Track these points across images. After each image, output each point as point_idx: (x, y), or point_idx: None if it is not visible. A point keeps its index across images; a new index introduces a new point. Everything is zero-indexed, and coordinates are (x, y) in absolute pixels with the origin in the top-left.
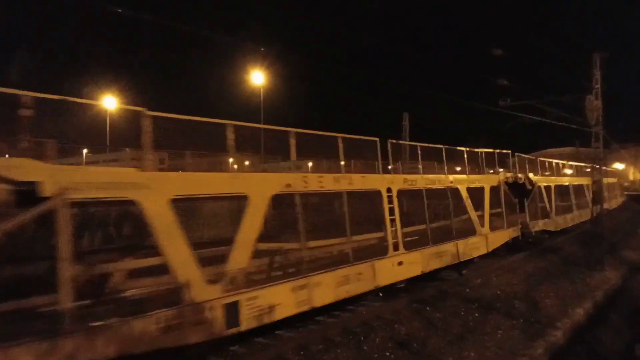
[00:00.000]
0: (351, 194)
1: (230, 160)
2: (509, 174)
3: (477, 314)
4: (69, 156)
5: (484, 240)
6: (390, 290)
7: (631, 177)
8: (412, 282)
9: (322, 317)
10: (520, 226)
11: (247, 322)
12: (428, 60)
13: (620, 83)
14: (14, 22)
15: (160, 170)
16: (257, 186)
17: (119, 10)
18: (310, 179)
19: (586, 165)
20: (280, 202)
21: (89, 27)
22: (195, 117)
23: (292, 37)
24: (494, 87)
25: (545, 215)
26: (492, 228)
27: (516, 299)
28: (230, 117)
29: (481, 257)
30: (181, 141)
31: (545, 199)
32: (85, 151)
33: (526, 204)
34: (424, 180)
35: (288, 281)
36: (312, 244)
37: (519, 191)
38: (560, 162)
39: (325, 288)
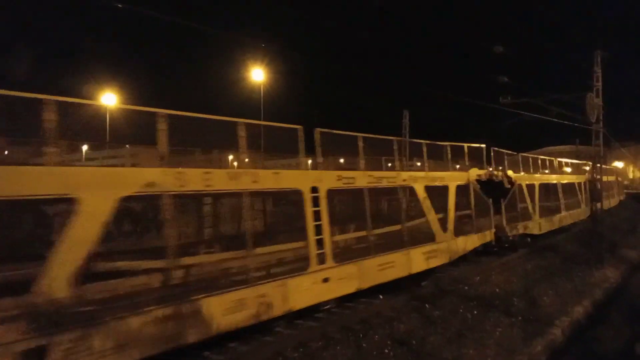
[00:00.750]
0: (258, 195)
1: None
2: (481, 171)
3: (476, 312)
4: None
5: (446, 247)
6: (383, 290)
7: (631, 176)
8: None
9: (322, 314)
10: (494, 230)
11: None
12: (429, 57)
13: (621, 81)
14: (12, 19)
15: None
16: (95, 186)
17: (119, 5)
18: (190, 176)
19: (580, 162)
20: (144, 207)
21: (87, 23)
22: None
23: (293, 34)
24: (495, 85)
25: (527, 217)
26: (458, 233)
27: (515, 296)
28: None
29: (442, 266)
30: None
31: (528, 199)
32: (85, 148)
33: (503, 205)
34: (365, 177)
35: (142, 312)
36: (191, 260)
37: (496, 190)
38: (548, 158)
39: (206, 318)
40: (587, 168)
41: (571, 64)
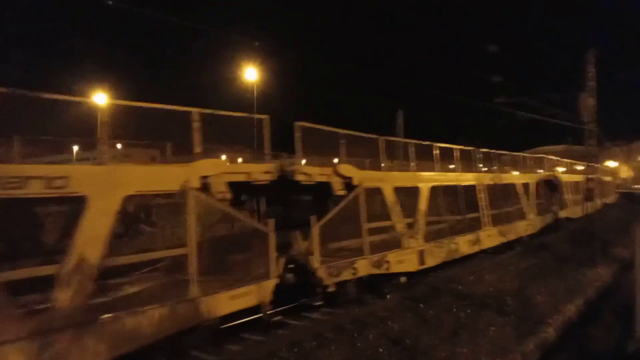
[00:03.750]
0: None
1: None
2: (255, 167)
3: (469, 311)
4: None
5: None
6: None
7: (623, 175)
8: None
9: (315, 314)
10: (277, 279)
11: None
12: (424, 57)
13: (615, 80)
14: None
15: None
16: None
17: (110, 3)
18: None
19: (530, 156)
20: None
21: (78, 20)
22: None
23: (287, 33)
24: (489, 85)
25: (393, 244)
26: (130, 304)
27: (508, 295)
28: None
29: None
30: None
31: (397, 214)
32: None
33: (316, 228)
34: None
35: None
36: None
37: (305, 202)
38: (464, 148)
39: None
40: (540, 170)
41: (565, 63)
